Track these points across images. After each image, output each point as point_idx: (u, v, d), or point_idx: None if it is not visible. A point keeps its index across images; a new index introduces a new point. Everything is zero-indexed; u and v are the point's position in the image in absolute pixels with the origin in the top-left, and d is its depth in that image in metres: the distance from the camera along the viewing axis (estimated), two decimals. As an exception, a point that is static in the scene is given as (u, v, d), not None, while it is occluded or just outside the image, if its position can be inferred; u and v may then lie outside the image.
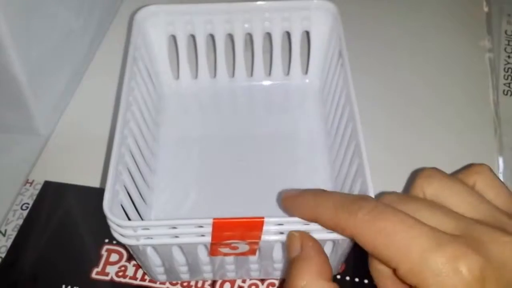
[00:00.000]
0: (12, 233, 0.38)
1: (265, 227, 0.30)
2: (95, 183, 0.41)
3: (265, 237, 0.31)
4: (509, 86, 0.49)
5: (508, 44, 0.52)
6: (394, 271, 0.26)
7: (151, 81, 0.44)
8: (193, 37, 0.45)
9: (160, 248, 0.32)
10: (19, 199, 0.40)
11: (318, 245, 0.29)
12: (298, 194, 0.30)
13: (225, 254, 0.33)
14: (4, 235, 0.38)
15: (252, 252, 0.32)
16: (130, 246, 0.31)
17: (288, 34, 0.45)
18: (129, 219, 0.34)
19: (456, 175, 0.29)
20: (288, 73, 0.47)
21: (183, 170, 0.42)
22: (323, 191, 0.29)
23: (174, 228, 0.30)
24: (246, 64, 0.46)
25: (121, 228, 0.30)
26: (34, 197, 0.40)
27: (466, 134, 0.45)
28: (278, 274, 0.37)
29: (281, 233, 0.31)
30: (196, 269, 0.35)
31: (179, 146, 0.43)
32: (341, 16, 0.42)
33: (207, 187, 0.41)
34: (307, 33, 0.45)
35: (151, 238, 0.30)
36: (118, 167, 0.33)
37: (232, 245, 0.31)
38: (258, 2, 0.43)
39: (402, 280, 0.25)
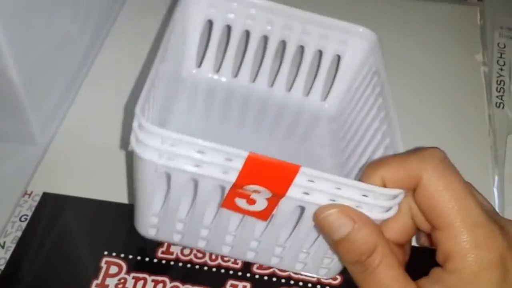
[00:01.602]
0: (11, 245, 0.37)
1: (295, 180, 0.28)
2: (94, 195, 0.40)
3: (290, 193, 0.28)
4: (501, 99, 0.49)
5: (501, 57, 0.52)
6: (433, 229, 0.28)
7: (176, 61, 0.42)
8: (228, 28, 0.44)
9: (174, 178, 0.29)
10: (17, 211, 0.39)
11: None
12: None
13: (237, 209, 0.30)
14: (3, 247, 0.36)
15: (266, 214, 0.30)
16: (146, 164, 0.28)
17: (320, 54, 0.45)
18: None
19: None
20: (308, 93, 0.46)
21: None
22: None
23: (202, 152, 0.27)
24: (270, 73, 0.46)
25: (148, 135, 0.27)
26: (33, 209, 0.39)
27: (462, 148, 0.45)
28: (274, 262, 0.34)
29: (306, 193, 0.28)
30: (192, 232, 0.32)
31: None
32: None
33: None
34: (338, 57, 0.45)
35: (173, 160, 0.28)
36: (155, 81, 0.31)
37: (252, 196, 0.29)
38: (303, 11, 0.43)
39: (434, 243, 0.28)
